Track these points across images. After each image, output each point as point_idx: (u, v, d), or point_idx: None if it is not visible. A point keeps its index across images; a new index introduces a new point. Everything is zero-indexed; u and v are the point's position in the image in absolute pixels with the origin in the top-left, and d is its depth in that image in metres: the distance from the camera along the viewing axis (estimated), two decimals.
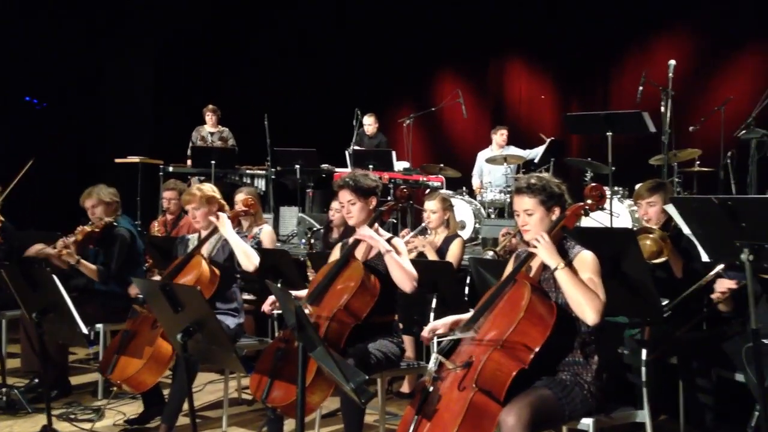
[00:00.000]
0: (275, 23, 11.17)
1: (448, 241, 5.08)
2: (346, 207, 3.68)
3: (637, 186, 4.31)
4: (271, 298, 3.57)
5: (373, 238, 3.53)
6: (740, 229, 2.61)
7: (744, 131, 5.63)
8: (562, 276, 2.82)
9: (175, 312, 3.03)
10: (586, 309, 2.76)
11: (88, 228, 4.86)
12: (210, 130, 8.96)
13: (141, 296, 3.86)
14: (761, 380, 2.74)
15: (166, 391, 4.14)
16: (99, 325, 4.87)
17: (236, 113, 9.51)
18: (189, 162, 8.61)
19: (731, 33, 8.41)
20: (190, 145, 8.84)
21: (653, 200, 4.08)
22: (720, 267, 3.49)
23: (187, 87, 10.55)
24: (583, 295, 2.77)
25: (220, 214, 4.16)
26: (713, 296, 3.52)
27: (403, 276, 3.47)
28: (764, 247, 2.59)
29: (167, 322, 3.26)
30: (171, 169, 8.50)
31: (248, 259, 4.05)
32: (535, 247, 2.90)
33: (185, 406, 3.62)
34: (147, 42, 10.75)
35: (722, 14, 8.39)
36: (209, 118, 8.93)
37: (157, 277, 4.54)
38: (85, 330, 3.64)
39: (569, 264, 2.86)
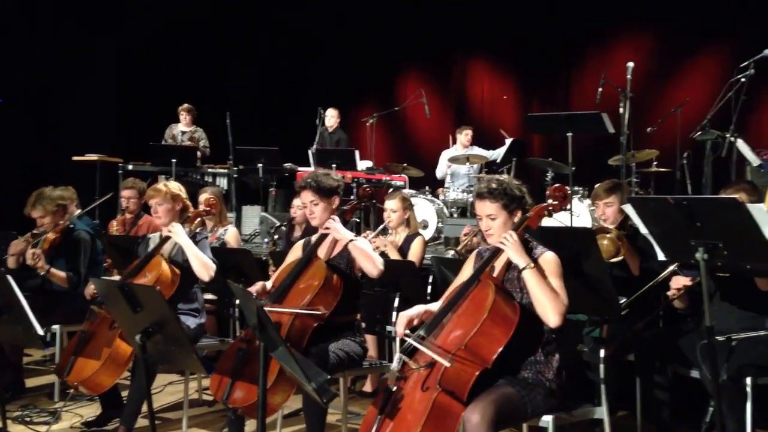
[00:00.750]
0: (238, 21, 11.07)
1: (409, 240, 5.10)
2: (308, 207, 3.67)
3: (595, 186, 4.38)
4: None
5: (337, 230, 3.54)
6: (695, 229, 2.66)
7: (700, 133, 5.75)
8: (530, 276, 2.85)
9: (134, 312, 2.99)
10: (550, 312, 2.80)
11: (51, 236, 4.78)
12: (182, 129, 8.84)
13: (98, 296, 3.79)
14: (715, 376, 2.80)
15: (124, 393, 4.08)
16: (55, 326, 4.78)
17: (198, 111, 9.40)
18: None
19: (688, 36, 8.59)
20: (163, 142, 8.71)
21: (610, 200, 4.16)
22: (675, 265, 3.56)
23: (148, 84, 10.39)
24: (548, 297, 2.81)
25: (173, 224, 4.10)
26: (669, 293, 3.59)
27: (369, 261, 3.48)
28: (718, 246, 2.64)
29: (126, 323, 3.21)
30: (130, 167, 8.36)
31: (205, 270, 4.00)
32: (503, 244, 2.92)
33: (144, 407, 3.57)
34: (108, 37, 10.55)
35: (679, 18, 8.56)
36: (183, 117, 8.81)
37: (116, 277, 4.46)
38: (41, 331, 3.58)
39: (536, 264, 2.89)
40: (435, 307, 3.07)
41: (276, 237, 6.08)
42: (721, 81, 5.95)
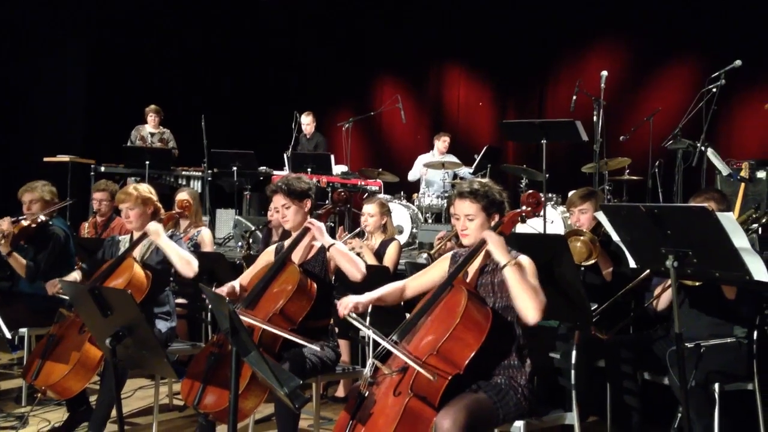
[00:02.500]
0: (214, 23, 11.00)
1: (384, 245, 5.11)
2: (281, 211, 3.68)
3: (570, 194, 4.44)
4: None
5: (320, 230, 3.54)
6: (666, 237, 2.69)
7: (671, 141, 5.83)
8: (511, 273, 2.84)
9: (104, 316, 2.94)
10: (530, 308, 2.79)
11: (24, 222, 4.70)
12: (151, 130, 8.76)
13: (62, 295, 3.74)
14: (684, 382, 2.83)
15: (93, 398, 4.02)
16: (23, 329, 4.69)
17: (172, 113, 9.32)
18: None
19: (660, 46, 8.71)
20: (129, 144, 8.62)
21: (585, 207, 4.23)
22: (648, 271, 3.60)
23: (121, 85, 10.28)
24: (529, 293, 2.81)
25: (152, 223, 4.05)
26: (656, 291, 3.62)
27: (351, 265, 3.49)
28: (688, 253, 2.67)
29: (95, 327, 3.17)
30: (103, 169, 8.27)
31: (188, 266, 3.95)
32: (489, 241, 2.92)
33: (114, 412, 3.52)
34: (81, 37, 10.42)
35: (652, 28, 8.69)
36: (151, 118, 8.72)
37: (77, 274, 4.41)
38: (8, 334, 3.52)
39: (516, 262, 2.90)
40: (385, 291, 3.13)
41: (251, 241, 6.04)
42: (692, 91, 6.05)
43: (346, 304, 3.02)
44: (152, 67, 10.54)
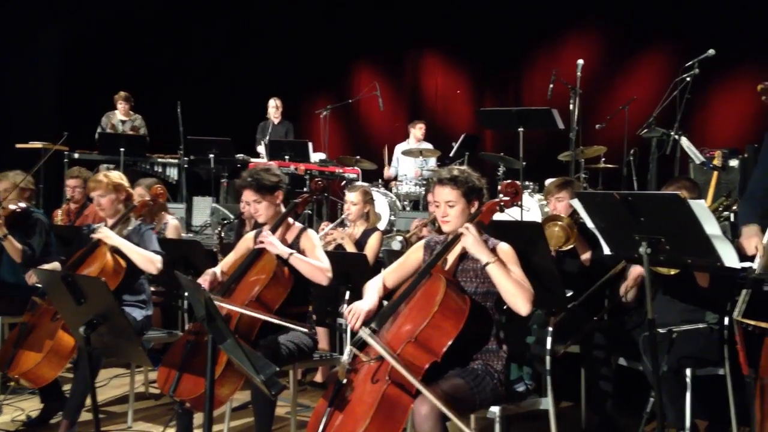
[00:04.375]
0: (191, 10, 10.87)
1: (366, 234, 5.10)
2: (252, 206, 3.65)
3: (547, 182, 4.48)
4: None
5: (273, 245, 3.51)
6: (639, 224, 2.72)
7: (646, 130, 5.88)
8: (495, 271, 2.86)
9: (77, 304, 2.91)
10: (520, 301, 2.83)
11: (12, 206, 4.63)
12: (121, 118, 8.64)
13: (39, 284, 3.70)
14: (656, 368, 2.87)
15: (66, 386, 3.99)
16: None
17: (148, 99, 9.21)
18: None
19: (635, 35, 8.76)
20: (99, 131, 8.50)
21: (561, 195, 4.28)
22: (621, 264, 3.65)
23: (96, 70, 10.14)
24: (516, 288, 2.84)
25: (100, 229, 3.99)
26: (626, 284, 3.67)
27: (314, 272, 3.49)
28: (661, 240, 2.71)
29: (69, 315, 3.14)
30: (77, 155, 8.16)
31: (150, 264, 3.94)
32: (465, 236, 2.92)
33: (88, 401, 3.49)
34: (53, 22, 10.24)
35: (627, 17, 8.73)
36: (121, 106, 8.60)
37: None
38: None
39: (497, 257, 2.91)
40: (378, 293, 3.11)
41: (226, 230, 6.00)
42: (667, 80, 6.10)
43: (357, 314, 2.92)
44: (127, 52, 10.40)
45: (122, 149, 7.84)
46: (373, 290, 3.13)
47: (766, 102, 4.46)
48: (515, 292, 2.84)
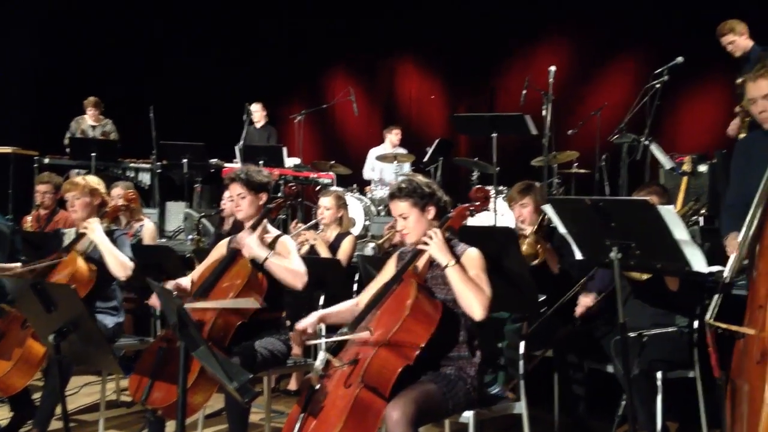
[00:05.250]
0: (163, 13, 10.80)
1: (339, 238, 5.10)
2: (236, 200, 3.66)
3: (510, 190, 4.45)
4: None
5: (250, 247, 3.50)
6: (610, 229, 2.76)
7: (617, 136, 5.96)
8: (452, 273, 2.88)
9: (47, 312, 2.88)
10: (474, 305, 2.85)
11: None
12: (91, 123, 8.54)
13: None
14: (627, 371, 2.91)
15: (37, 395, 3.93)
16: None
17: (120, 104, 9.12)
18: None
19: (607, 43, 8.87)
20: (68, 135, 8.40)
21: (525, 201, 4.20)
22: (583, 280, 3.70)
23: (68, 74, 10.02)
24: (471, 291, 2.85)
25: (90, 219, 3.97)
26: (576, 313, 3.73)
27: (289, 277, 3.48)
28: (631, 245, 2.74)
29: (38, 323, 3.09)
30: (47, 160, 8.04)
31: (121, 269, 3.90)
32: (427, 244, 2.95)
33: (59, 410, 3.45)
34: (24, 25, 10.11)
35: (599, 25, 8.83)
36: (91, 112, 8.49)
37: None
38: None
39: (458, 261, 2.93)
40: (331, 311, 3.14)
41: (200, 230, 5.93)
42: (637, 86, 6.19)
43: (312, 322, 3.02)
44: (99, 56, 10.29)
45: (93, 154, 7.75)
46: (342, 304, 3.17)
47: (744, 107, 4.56)
48: (469, 296, 2.85)
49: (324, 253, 4.90)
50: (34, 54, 10.24)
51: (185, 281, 3.61)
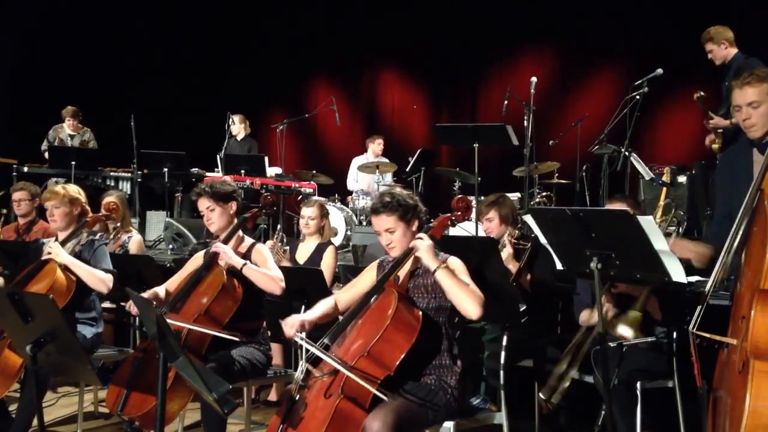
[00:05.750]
0: (146, 22, 10.76)
1: (320, 249, 5.09)
2: (206, 214, 3.68)
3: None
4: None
5: (227, 254, 3.51)
6: (590, 239, 2.77)
7: (597, 146, 6.01)
8: (444, 276, 2.88)
9: (24, 322, 2.84)
10: (470, 304, 2.84)
11: None
12: (70, 132, 8.47)
13: None
14: (607, 381, 2.92)
15: (13, 407, 3.88)
16: None
17: (100, 112, 9.06)
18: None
19: (587, 54, 8.96)
20: (46, 144, 8.32)
21: (490, 216, 4.19)
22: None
23: (46, 81, 9.93)
24: (465, 291, 2.86)
25: (50, 245, 3.92)
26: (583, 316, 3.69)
27: (267, 281, 3.49)
28: (611, 255, 2.76)
29: (15, 333, 3.05)
30: (26, 169, 7.96)
31: (101, 284, 3.88)
32: (418, 248, 2.95)
33: (35, 421, 3.40)
34: (2, 34, 10.03)
35: (580, 36, 8.93)
36: (69, 122, 8.42)
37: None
38: None
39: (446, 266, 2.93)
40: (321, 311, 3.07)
41: (179, 245, 5.91)
42: (617, 98, 6.25)
43: (292, 324, 2.94)
44: (79, 64, 10.22)
45: (73, 162, 7.68)
46: (320, 305, 3.13)
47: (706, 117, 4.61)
48: (464, 296, 2.86)
49: (285, 263, 4.89)
50: (14, 62, 10.15)
51: (160, 290, 3.59)
